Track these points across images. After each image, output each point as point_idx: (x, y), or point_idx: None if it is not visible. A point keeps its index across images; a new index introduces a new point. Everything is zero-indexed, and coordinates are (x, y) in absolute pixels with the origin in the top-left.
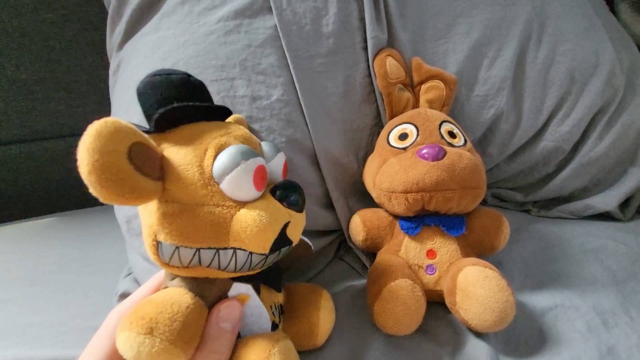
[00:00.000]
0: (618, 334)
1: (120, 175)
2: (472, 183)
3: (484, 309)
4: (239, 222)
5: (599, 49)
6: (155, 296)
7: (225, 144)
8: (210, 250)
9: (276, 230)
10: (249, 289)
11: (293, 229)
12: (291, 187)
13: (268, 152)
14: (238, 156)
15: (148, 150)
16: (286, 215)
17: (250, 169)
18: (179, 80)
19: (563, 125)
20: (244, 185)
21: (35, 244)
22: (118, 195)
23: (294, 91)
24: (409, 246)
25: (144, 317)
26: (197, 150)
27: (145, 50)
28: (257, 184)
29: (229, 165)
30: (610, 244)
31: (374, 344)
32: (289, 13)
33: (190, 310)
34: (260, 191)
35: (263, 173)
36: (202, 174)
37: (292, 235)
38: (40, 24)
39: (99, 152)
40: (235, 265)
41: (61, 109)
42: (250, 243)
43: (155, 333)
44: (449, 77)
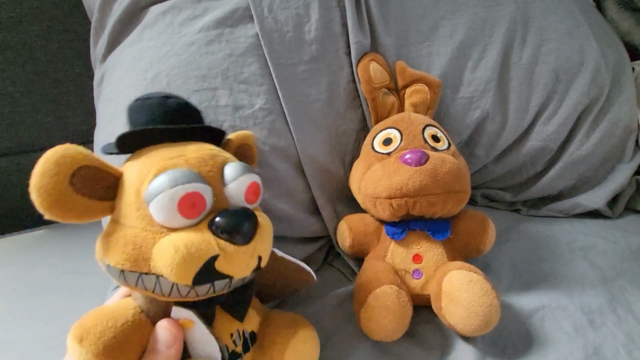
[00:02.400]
0: (605, 334)
1: (57, 196)
2: (456, 187)
3: (469, 313)
4: (158, 250)
5: (584, 47)
6: (105, 306)
7: (167, 166)
8: (133, 274)
9: (195, 263)
10: (191, 315)
11: (225, 263)
12: (232, 216)
13: (229, 173)
14: (166, 182)
15: (97, 172)
16: (212, 249)
17: (176, 195)
18: (150, 104)
19: (549, 125)
20: (167, 211)
21: (24, 257)
22: (58, 213)
23: (277, 99)
24: (395, 251)
25: (82, 325)
26: (142, 172)
27: (127, 62)
28: (185, 212)
29: (156, 189)
30: (599, 242)
31: (362, 349)
32: (270, 21)
33: (127, 327)
34: (192, 219)
35: (194, 200)
36: (138, 196)
37: (226, 269)
38: (25, 37)
39: (41, 175)
40: (162, 292)
41: (49, 120)
42: (167, 273)
43: (84, 344)
44: (433, 81)
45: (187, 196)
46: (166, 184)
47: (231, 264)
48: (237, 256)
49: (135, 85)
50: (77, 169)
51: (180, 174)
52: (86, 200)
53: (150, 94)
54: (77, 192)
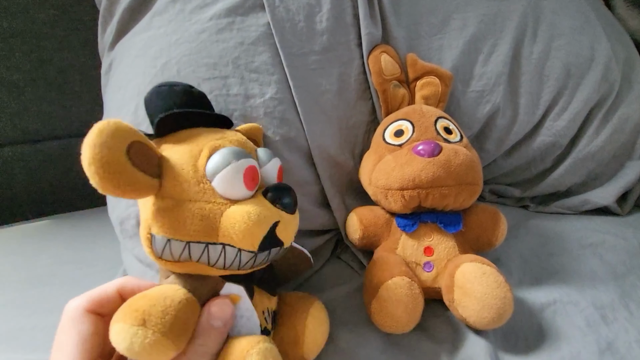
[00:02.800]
0: (617, 329)
1: (117, 168)
2: (469, 179)
3: (482, 306)
4: (228, 218)
5: (595, 43)
6: (149, 291)
7: (219, 145)
8: (199, 245)
9: (264, 228)
10: (241, 291)
11: (283, 229)
12: (283, 189)
13: (263, 156)
14: (229, 156)
15: (146, 149)
16: (276, 215)
17: (241, 168)
18: (181, 90)
19: (559, 120)
20: (234, 183)
21: (28, 247)
22: (114, 187)
23: (288, 89)
24: (406, 244)
25: (137, 309)
26: (193, 151)
27: (136, 49)
28: (248, 184)
29: (220, 164)
30: (608, 238)
31: (372, 342)
32: (282, 10)
33: (183, 305)
34: (251, 191)
35: (254, 174)
36: (196, 172)
37: (282, 235)
38: (31, 24)
39: (99, 146)
40: (224, 262)
41: (54, 109)
42: (238, 239)
43: (148, 325)
44: (445, 73)
45: (249, 168)
46: (231, 157)
47: (287, 230)
48: (291, 223)
49: (145, 73)
50: (132, 143)
51: (237, 150)
52: (142, 175)
53: (170, 82)
54: (134, 165)
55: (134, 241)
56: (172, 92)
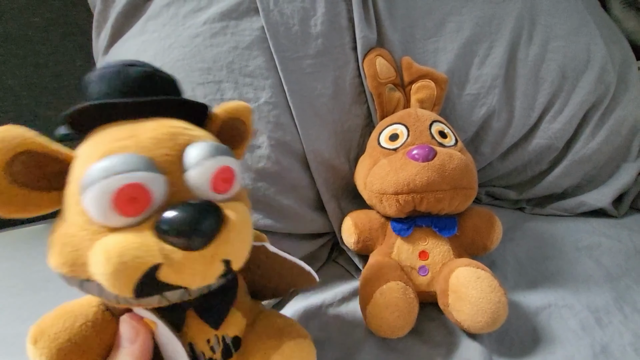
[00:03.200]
0: (612, 332)
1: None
2: (463, 183)
3: (477, 310)
4: (93, 256)
5: (590, 45)
6: (67, 304)
7: (111, 150)
8: (74, 279)
9: (131, 274)
10: (152, 316)
11: (172, 272)
12: (184, 213)
13: (191, 157)
14: (101, 171)
15: (39, 158)
16: (152, 256)
17: (110, 187)
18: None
19: (555, 123)
20: (100, 207)
21: (24, 251)
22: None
23: (283, 93)
24: (401, 248)
25: (39, 325)
26: (88, 158)
27: (130, 54)
28: (123, 208)
29: (87, 181)
30: (604, 240)
31: (367, 346)
32: (276, 14)
33: (85, 328)
34: (134, 216)
35: (135, 193)
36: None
37: (171, 279)
38: (25, 29)
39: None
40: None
41: (49, 114)
42: (104, 282)
43: (38, 345)
44: (440, 77)
45: (124, 189)
46: (99, 174)
47: (180, 272)
48: (186, 264)
49: None
50: (16, 155)
51: (119, 160)
52: (26, 193)
53: (110, 62)
54: (13, 183)
55: None
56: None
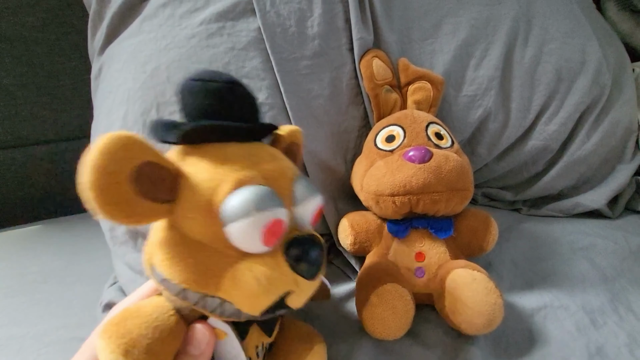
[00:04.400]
0: (607, 333)
1: (117, 199)
2: (459, 185)
3: (472, 312)
4: (234, 278)
5: (586, 47)
6: (142, 309)
7: (245, 181)
8: (196, 294)
9: (272, 298)
10: (227, 328)
11: (295, 298)
12: (309, 248)
13: (299, 193)
14: (252, 203)
15: (158, 170)
16: (290, 283)
17: (262, 222)
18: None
19: (551, 124)
20: (250, 239)
21: (18, 253)
22: (114, 218)
23: (279, 94)
24: (398, 249)
25: (124, 335)
26: (214, 181)
27: (126, 54)
28: (267, 240)
29: (239, 211)
30: (599, 241)
31: (364, 348)
32: (272, 15)
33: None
34: (269, 247)
35: (277, 228)
36: (210, 210)
37: (293, 303)
38: (21, 28)
39: (99, 171)
40: (223, 313)
41: (45, 114)
42: (240, 302)
43: (129, 357)
44: (436, 78)
45: (273, 224)
46: (253, 206)
47: (301, 298)
48: (308, 291)
49: (134, 78)
50: (141, 165)
51: (264, 196)
52: (149, 204)
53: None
54: (139, 194)
55: (124, 248)
56: (206, 90)
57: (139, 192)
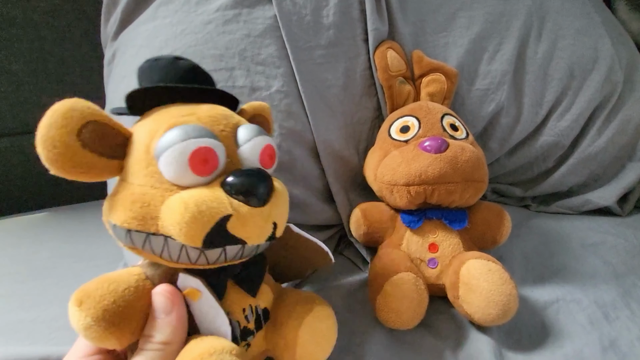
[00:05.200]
0: (619, 327)
1: (63, 149)
2: (475, 176)
3: (488, 302)
4: (167, 207)
5: (598, 45)
6: (108, 273)
7: (179, 122)
8: (140, 234)
9: (205, 222)
10: (198, 284)
11: (239, 225)
12: (246, 175)
13: (243, 135)
14: (178, 136)
15: (106, 128)
16: (225, 207)
17: (187, 149)
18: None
19: (562, 120)
20: (177, 166)
21: (27, 239)
22: (61, 168)
23: (294, 82)
24: (411, 240)
25: (83, 289)
26: (152, 129)
27: (141, 39)
28: (196, 168)
29: (165, 143)
30: (609, 238)
31: (376, 338)
32: (289, 3)
33: (127, 293)
34: (204, 176)
35: (206, 156)
36: (147, 152)
37: (238, 232)
38: (31, 14)
39: (48, 127)
40: (170, 256)
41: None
42: (176, 232)
43: (83, 307)
44: (450, 71)
45: (198, 150)
46: (177, 138)
47: (245, 225)
48: (251, 218)
49: None
50: (86, 123)
51: (192, 128)
52: (94, 157)
53: (160, 56)
54: (84, 147)
55: None
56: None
57: (84, 146)
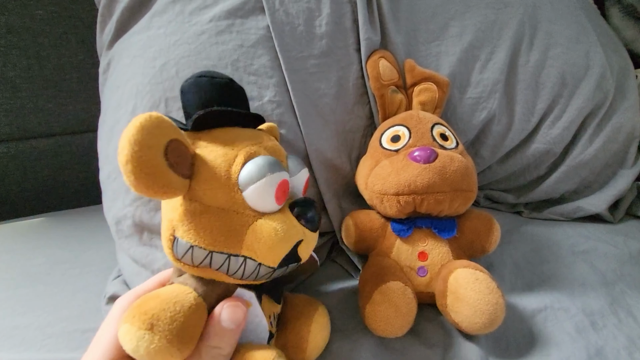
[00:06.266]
0: (606, 336)
1: (153, 169)
2: (464, 186)
3: (474, 312)
4: (255, 232)
5: (590, 53)
6: (160, 291)
7: (254, 153)
8: (222, 255)
9: (289, 246)
10: (252, 297)
11: (305, 247)
12: (309, 205)
13: (292, 166)
14: (265, 168)
15: (182, 147)
16: (300, 233)
17: (275, 182)
18: (221, 83)
19: (554, 128)
20: (266, 197)
21: (22, 244)
22: (148, 188)
23: (287, 92)
24: (401, 248)
25: (147, 312)
26: (228, 155)
27: (135, 49)
28: (279, 198)
29: (255, 175)
30: (600, 245)
31: (365, 345)
32: (281, 13)
33: (192, 311)
34: (280, 205)
35: (285, 187)
36: (229, 179)
37: (302, 253)
38: (29, 21)
39: (138, 144)
40: (243, 273)
41: (50, 107)
42: (262, 254)
43: (155, 330)
44: (442, 80)
45: (282, 183)
46: (266, 169)
47: (307, 248)
48: (312, 241)
49: (143, 73)
50: (170, 141)
51: (273, 161)
52: (175, 177)
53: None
54: (169, 166)
55: (129, 241)
56: (212, 84)
57: (170, 165)
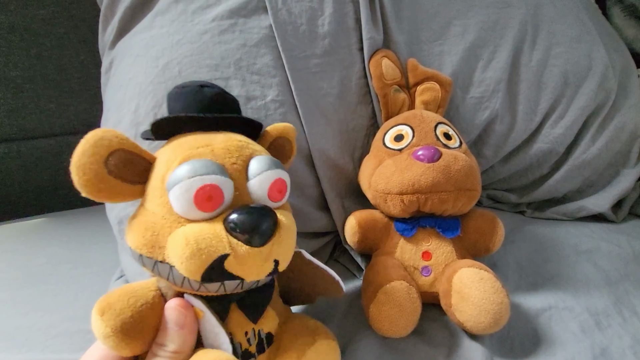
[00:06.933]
0: (611, 335)
1: (92, 176)
2: (467, 185)
3: (479, 311)
4: (172, 240)
5: (592, 52)
6: (130, 284)
7: (190, 156)
8: (150, 259)
9: (204, 260)
10: (201, 306)
11: (236, 264)
12: (250, 213)
13: (254, 168)
14: (186, 172)
15: (131, 156)
16: (223, 247)
17: (193, 186)
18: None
19: (557, 128)
20: (184, 202)
21: (24, 245)
22: (90, 192)
23: (289, 92)
24: (405, 248)
25: (106, 299)
26: (170, 159)
27: (138, 48)
28: (200, 204)
29: (175, 179)
30: (603, 245)
31: (369, 345)
32: (284, 13)
33: (144, 308)
34: (208, 212)
35: (211, 193)
36: (162, 182)
37: (235, 270)
38: (30, 21)
39: (80, 154)
40: (174, 282)
41: (52, 107)
42: (177, 265)
43: (104, 318)
44: (445, 79)
45: (204, 188)
46: (185, 174)
47: (242, 265)
48: (248, 258)
49: (146, 73)
50: (113, 152)
51: (201, 164)
52: (118, 183)
53: (187, 82)
54: (110, 174)
55: None
56: (195, 93)
57: (110, 173)
